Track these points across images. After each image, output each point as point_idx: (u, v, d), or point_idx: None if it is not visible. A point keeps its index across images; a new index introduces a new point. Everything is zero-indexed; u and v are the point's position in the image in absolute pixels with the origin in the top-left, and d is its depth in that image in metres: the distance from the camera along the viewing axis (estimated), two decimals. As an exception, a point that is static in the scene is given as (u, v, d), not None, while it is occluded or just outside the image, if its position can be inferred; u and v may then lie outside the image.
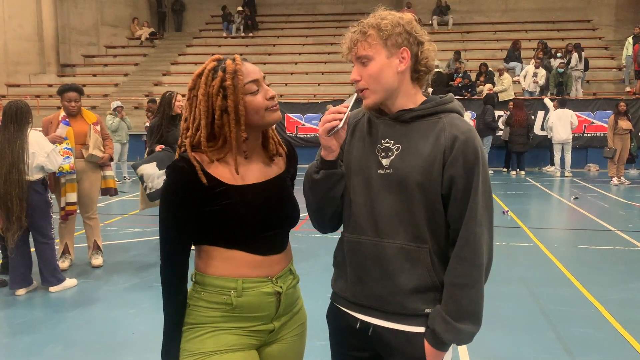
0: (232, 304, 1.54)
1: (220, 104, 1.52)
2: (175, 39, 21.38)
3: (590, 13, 19.10)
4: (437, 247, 1.55)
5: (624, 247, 6.11)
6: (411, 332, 1.56)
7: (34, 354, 3.43)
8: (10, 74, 18.69)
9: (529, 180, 11.79)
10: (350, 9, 21.05)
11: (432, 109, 1.57)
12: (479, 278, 1.51)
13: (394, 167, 1.55)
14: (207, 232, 1.55)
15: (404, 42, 1.52)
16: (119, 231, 6.80)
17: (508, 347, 3.52)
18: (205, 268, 1.58)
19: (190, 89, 1.57)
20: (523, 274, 5.02)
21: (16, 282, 4.48)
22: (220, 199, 1.53)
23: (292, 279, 1.69)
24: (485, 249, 1.53)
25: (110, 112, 11.20)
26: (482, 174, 1.51)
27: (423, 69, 1.57)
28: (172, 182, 1.53)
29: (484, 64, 15.11)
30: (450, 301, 1.51)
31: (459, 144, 1.49)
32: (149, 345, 3.53)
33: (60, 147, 4.77)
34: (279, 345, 1.67)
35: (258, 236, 1.57)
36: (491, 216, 1.55)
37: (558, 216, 8.40)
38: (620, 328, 3.80)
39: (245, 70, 1.53)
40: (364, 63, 1.54)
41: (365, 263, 1.59)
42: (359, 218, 1.60)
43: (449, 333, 1.50)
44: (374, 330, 1.60)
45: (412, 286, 1.54)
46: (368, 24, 1.53)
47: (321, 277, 1.92)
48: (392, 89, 1.55)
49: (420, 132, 1.55)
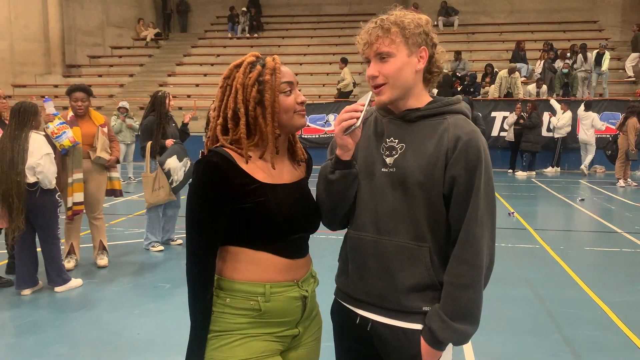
0: (260, 310, 1.52)
1: (255, 96, 1.53)
2: (181, 39, 21.43)
3: (596, 14, 19.02)
4: (438, 246, 1.56)
5: (631, 249, 6.07)
6: (409, 329, 1.57)
7: (40, 353, 3.43)
8: (17, 75, 18.77)
9: (535, 181, 11.75)
10: (355, 9, 21.04)
11: (438, 109, 1.57)
12: (478, 279, 1.51)
13: (397, 165, 1.56)
14: (236, 230, 1.53)
15: (423, 42, 1.54)
16: (124, 231, 6.81)
17: (514, 350, 3.50)
18: (231, 272, 1.54)
19: (225, 78, 1.58)
20: (529, 276, 5.00)
21: (22, 282, 4.49)
22: (253, 196, 1.51)
23: (314, 282, 1.70)
24: (486, 250, 1.53)
25: (115, 113, 11.24)
26: (484, 176, 1.51)
27: (435, 70, 1.60)
28: (205, 177, 1.50)
29: (489, 64, 15.09)
30: (448, 301, 1.52)
31: (461, 145, 1.49)
32: (153, 346, 3.53)
33: (53, 126, 4.69)
34: (300, 351, 1.66)
35: (286, 238, 1.57)
36: (493, 218, 1.55)
37: (564, 218, 8.36)
38: (627, 330, 3.78)
39: (283, 70, 1.56)
40: (384, 59, 1.53)
41: (366, 260, 1.60)
42: (361, 215, 1.61)
43: (445, 332, 1.51)
44: (372, 326, 1.61)
45: (411, 284, 1.55)
46: (390, 21, 1.52)
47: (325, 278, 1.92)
48: (409, 87, 1.56)
49: (425, 132, 1.56)
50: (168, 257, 5.69)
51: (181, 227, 6.34)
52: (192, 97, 16.88)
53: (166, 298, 4.44)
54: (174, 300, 4.37)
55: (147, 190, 5.61)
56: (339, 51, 18.63)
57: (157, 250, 5.82)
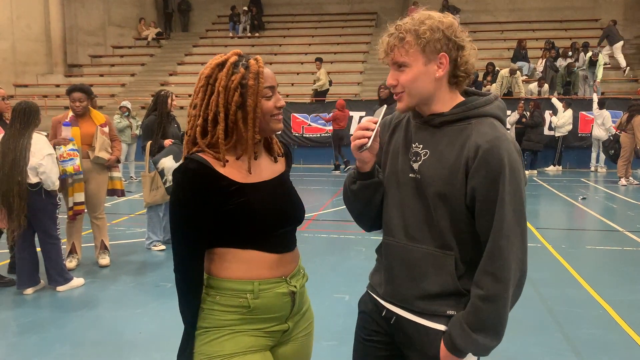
0: (249, 307, 1.55)
1: (237, 100, 1.52)
2: (182, 39, 21.43)
3: (598, 12, 18.96)
4: (464, 255, 1.53)
5: (633, 247, 6.07)
6: (431, 328, 1.56)
7: (42, 353, 3.44)
8: (18, 74, 18.80)
9: (537, 180, 11.74)
10: (357, 8, 21.03)
11: (462, 114, 1.52)
12: (503, 293, 1.47)
13: (421, 172, 1.53)
14: (222, 233, 1.55)
15: (443, 47, 1.48)
16: (126, 231, 6.82)
17: (516, 349, 3.50)
18: (219, 271, 1.57)
19: (207, 77, 1.55)
20: (530, 275, 4.94)
21: (23, 281, 4.50)
22: (234, 198, 1.53)
23: (303, 277, 1.71)
24: (514, 264, 1.48)
25: (118, 112, 11.24)
26: (509, 186, 1.44)
27: (462, 75, 1.53)
28: (184, 184, 1.52)
29: (490, 63, 15.06)
30: (471, 311, 1.50)
31: (482, 154, 1.43)
32: (156, 345, 3.54)
33: (65, 149, 4.75)
34: (290, 345, 1.68)
35: (272, 233, 1.59)
36: (524, 230, 1.50)
37: (566, 217, 8.35)
38: (629, 329, 3.77)
39: (266, 74, 1.55)
40: (401, 68, 1.51)
41: (394, 264, 1.61)
42: (391, 220, 1.62)
43: (464, 341, 1.49)
44: (397, 319, 1.62)
45: (436, 291, 1.54)
46: (406, 29, 1.48)
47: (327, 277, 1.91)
48: (428, 95, 1.52)
49: (448, 139, 1.51)
50: (169, 257, 5.67)
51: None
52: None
53: (168, 297, 4.45)
54: (175, 300, 4.35)
55: (145, 190, 5.61)
56: (341, 50, 18.64)
57: (158, 250, 5.83)
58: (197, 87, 1.58)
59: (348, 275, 4.85)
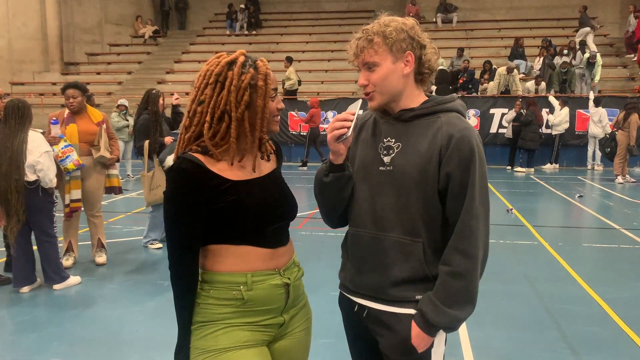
0: (242, 299, 1.56)
1: (246, 100, 1.54)
2: (179, 37, 21.38)
3: (594, 10, 18.97)
4: (432, 241, 1.62)
5: (629, 245, 6.09)
6: (401, 313, 1.63)
7: (39, 351, 3.44)
8: (15, 72, 18.74)
9: (533, 178, 11.76)
10: (354, 6, 21.01)
11: (431, 109, 1.64)
12: (472, 269, 1.57)
13: (394, 164, 1.63)
14: (215, 230, 1.56)
15: (408, 46, 1.60)
16: (123, 229, 6.81)
17: (512, 346, 3.51)
18: (212, 266, 1.59)
19: (217, 74, 1.56)
20: (527, 272, 5.00)
21: (20, 280, 4.49)
22: (227, 196, 1.54)
23: (297, 271, 1.73)
24: (481, 242, 1.59)
25: (115, 110, 11.21)
26: (478, 171, 1.57)
27: (426, 71, 1.66)
28: (177, 185, 1.54)
29: (487, 61, 15.08)
30: (441, 288, 1.58)
31: (454, 142, 1.56)
32: (152, 343, 3.54)
33: (58, 149, 4.72)
34: (287, 340, 1.69)
35: (266, 229, 1.60)
36: (487, 212, 1.61)
37: (562, 214, 8.37)
38: (625, 327, 3.79)
39: (272, 76, 1.59)
40: (371, 69, 1.61)
41: (363, 255, 1.68)
42: (360, 212, 1.69)
43: (437, 314, 1.56)
44: (369, 312, 1.69)
45: (405, 277, 1.62)
46: (373, 32, 1.60)
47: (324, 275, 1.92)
48: (398, 91, 1.63)
49: (419, 131, 1.63)
50: (166, 255, 5.68)
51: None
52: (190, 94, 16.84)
53: (165, 295, 4.45)
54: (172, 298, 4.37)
55: (145, 189, 5.61)
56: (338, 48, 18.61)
57: (155, 248, 5.83)
58: (200, 83, 1.58)
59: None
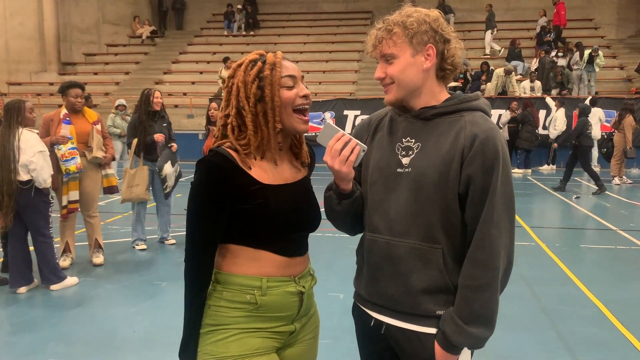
0: (256, 303, 1.52)
1: (255, 92, 1.52)
2: (177, 37, 21.36)
3: (592, 12, 19.04)
4: (451, 248, 1.52)
5: (626, 246, 6.10)
6: (422, 333, 1.54)
7: (36, 352, 3.43)
8: (12, 73, 18.70)
9: (530, 179, 11.78)
10: (352, 7, 21.02)
11: (455, 107, 1.54)
12: (493, 282, 1.47)
13: (413, 165, 1.53)
14: (236, 230, 1.53)
15: (430, 39, 1.50)
16: (120, 229, 6.80)
17: (509, 346, 3.51)
18: (228, 267, 1.55)
19: (230, 77, 1.58)
20: (524, 273, 5.01)
21: (16, 280, 4.48)
22: (254, 198, 1.51)
23: (311, 279, 1.70)
24: (503, 252, 1.48)
25: (114, 111, 11.19)
26: (502, 175, 1.46)
27: (449, 67, 1.55)
28: (207, 178, 1.50)
29: (485, 62, 15.10)
30: (462, 304, 1.49)
31: (478, 143, 1.45)
32: (150, 343, 3.53)
33: (65, 148, 4.75)
34: (297, 348, 1.66)
35: (286, 237, 1.57)
36: (512, 219, 1.51)
37: (559, 215, 8.39)
38: (622, 327, 3.80)
39: (286, 64, 1.55)
40: (389, 61, 1.53)
41: (379, 262, 1.58)
42: (374, 217, 1.60)
43: (459, 336, 1.48)
44: (387, 328, 1.60)
45: (424, 287, 1.52)
46: (394, 22, 1.50)
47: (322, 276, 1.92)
48: (416, 86, 1.54)
49: (441, 130, 1.52)
50: (164, 255, 5.68)
51: (177, 226, 6.34)
52: (188, 94, 16.84)
53: (162, 296, 4.44)
54: (170, 298, 4.37)
55: (124, 185, 5.57)
56: (336, 49, 18.64)
57: (140, 249, 5.80)
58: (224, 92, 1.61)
59: (342, 273, 4.85)
